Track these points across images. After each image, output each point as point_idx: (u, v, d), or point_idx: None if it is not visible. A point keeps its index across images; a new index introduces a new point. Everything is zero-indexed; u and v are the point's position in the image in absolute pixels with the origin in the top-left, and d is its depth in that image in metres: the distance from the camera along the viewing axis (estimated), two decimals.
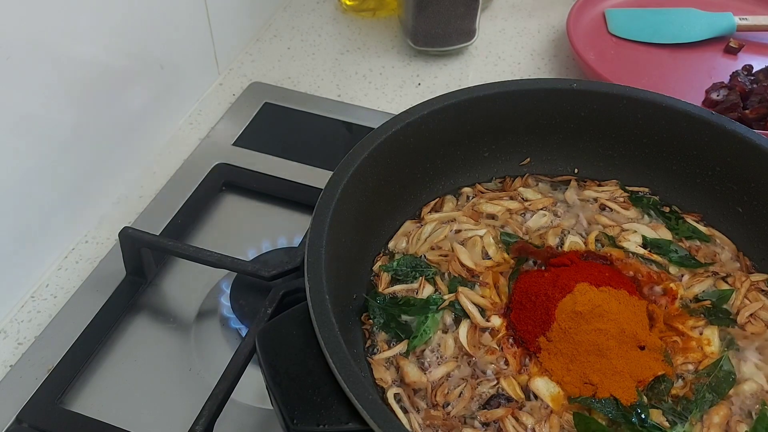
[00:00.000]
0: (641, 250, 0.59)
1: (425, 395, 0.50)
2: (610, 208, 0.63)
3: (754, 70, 0.85)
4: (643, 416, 0.48)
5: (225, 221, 0.73)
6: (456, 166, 0.64)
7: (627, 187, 0.64)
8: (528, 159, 0.65)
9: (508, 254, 0.59)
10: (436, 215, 0.62)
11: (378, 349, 0.53)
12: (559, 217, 0.62)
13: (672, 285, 0.56)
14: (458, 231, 0.60)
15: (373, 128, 0.58)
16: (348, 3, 0.99)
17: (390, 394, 0.50)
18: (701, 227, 0.61)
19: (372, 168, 0.56)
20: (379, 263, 0.58)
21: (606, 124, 0.63)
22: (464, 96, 0.60)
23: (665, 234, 0.61)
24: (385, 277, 0.57)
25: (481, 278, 0.56)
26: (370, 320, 0.54)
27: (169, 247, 0.64)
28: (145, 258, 0.64)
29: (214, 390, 0.53)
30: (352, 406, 0.42)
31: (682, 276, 0.57)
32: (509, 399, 0.49)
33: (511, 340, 0.52)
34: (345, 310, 0.53)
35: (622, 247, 0.59)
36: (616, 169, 0.65)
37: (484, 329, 0.53)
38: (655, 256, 0.59)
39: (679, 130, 0.61)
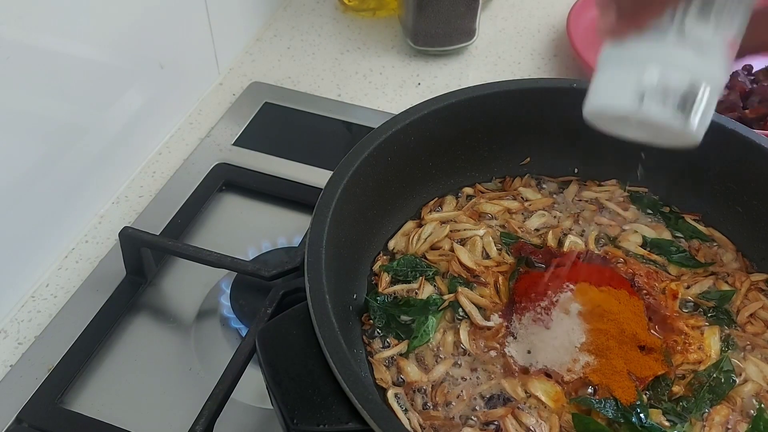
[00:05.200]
0: (641, 250, 0.59)
1: (425, 395, 0.50)
2: (609, 208, 0.63)
3: (754, 70, 0.85)
4: (642, 416, 0.48)
5: (225, 221, 0.73)
6: (456, 166, 0.64)
7: (627, 187, 0.64)
8: (528, 159, 0.65)
9: (508, 254, 0.59)
10: (436, 215, 0.62)
11: (378, 349, 0.53)
12: (560, 217, 0.62)
13: (672, 285, 0.56)
14: (458, 231, 0.60)
15: (373, 128, 0.58)
16: (348, 3, 0.99)
17: (390, 394, 0.50)
18: (701, 227, 0.61)
19: (372, 168, 0.56)
20: (379, 263, 0.58)
21: None
22: (464, 96, 0.60)
23: (665, 234, 0.61)
24: (385, 277, 0.57)
25: (481, 278, 0.56)
26: (371, 320, 0.54)
27: (169, 247, 0.64)
28: (145, 258, 0.64)
29: (214, 390, 0.53)
30: (352, 406, 0.42)
31: (682, 276, 0.58)
32: (509, 399, 0.49)
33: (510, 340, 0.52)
34: (345, 310, 0.53)
35: (622, 247, 0.59)
36: (616, 169, 0.65)
37: (484, 329, 0.53)
38: (654, 256, 0.59)
39: None
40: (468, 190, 0.64)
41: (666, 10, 0.35)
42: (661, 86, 0.36)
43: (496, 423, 0.48)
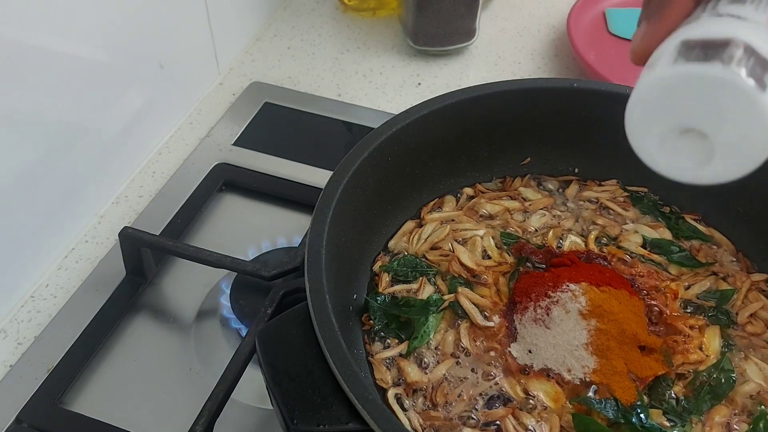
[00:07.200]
0: (641, 250, 0.59)
1: (425, 395, 0.50)
2: (610, 208, 0.63)
3: None
4: (643, 416, 0.48)
5: (225, 221, 0.73)
6: (456, 166, 0.64)
7: (627, 187, 0.64)
8: (528, 159, 0.65)
9: (509, 254, 0.58)
10: (436, 215, 0.62)
11: (378, 350, 0.53)
12: (560, 217, 0.62)
13: (672, 285, 0.56)
14: (458, 231, 0.60)
15: (373, 128, 0.58)
16: (348, 2, 0.99)
17: (390, 394, 0.50)
18: (701, 227, 0.61)
19: (372, 168, 0.56)
20: (379, 263, 0.58)
21: (606, 124, 0.62)
22: (464, 96, 0.60)
23: (665, 234, 0.61)
24: (385, 277, 0.57)
25: (481, 278, 0.56)
26: (371, 320, 0.54)
27: (169, 247, 0.64)
28: (145, 258, 0.64)
29: (214, 390, 0.53)
30: (352, 406, 0.42)
31: (682, 276, 0.57)
32: (509, 399, 0.49)
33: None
34: (345, 310, 0.53)
35: (622, 247, 0.59)
36: (616, 169, 0.65)
37: (484, 329, 0.53)
38: (655, 256, 0.59)
39: None
40: (468, 190, 0.64)
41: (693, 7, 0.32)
42: (698, 41, 0.32)
43: (496, 423, 0.48)
